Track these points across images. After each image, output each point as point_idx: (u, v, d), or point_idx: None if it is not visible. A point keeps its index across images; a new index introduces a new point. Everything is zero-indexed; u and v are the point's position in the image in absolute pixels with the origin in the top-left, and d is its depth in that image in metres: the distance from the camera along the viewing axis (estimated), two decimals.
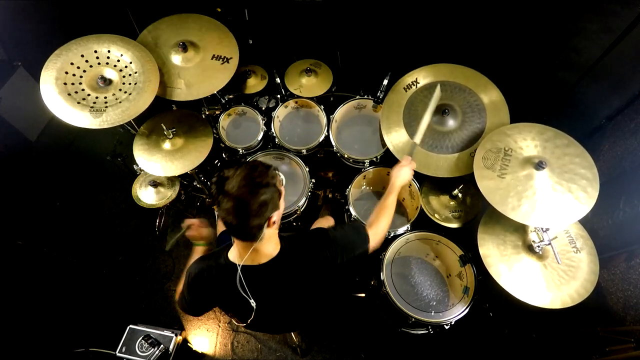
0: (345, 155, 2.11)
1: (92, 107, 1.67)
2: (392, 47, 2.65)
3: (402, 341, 2.16)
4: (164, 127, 1.91)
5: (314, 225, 1.94)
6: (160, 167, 1.95)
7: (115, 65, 1.78)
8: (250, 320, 1.18)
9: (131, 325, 2.04)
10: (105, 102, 1.70)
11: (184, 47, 1.93)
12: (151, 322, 2.09)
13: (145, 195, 2.18)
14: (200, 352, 2.21)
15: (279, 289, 1.16)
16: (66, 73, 1.69)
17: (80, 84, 1.71)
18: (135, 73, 1.78)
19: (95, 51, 1.77)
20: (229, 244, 1.16)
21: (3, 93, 2.51)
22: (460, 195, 1.93)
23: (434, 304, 1.91)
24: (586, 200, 1.46)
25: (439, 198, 1.98)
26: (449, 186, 1.96)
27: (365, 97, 2.24)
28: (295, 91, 2.30)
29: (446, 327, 1.78)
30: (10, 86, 2.56)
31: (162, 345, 1.97)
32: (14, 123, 2.61)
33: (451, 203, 1.95)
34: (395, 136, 1.91)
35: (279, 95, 2.40)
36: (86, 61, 1.75)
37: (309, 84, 2.32)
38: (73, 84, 1.69)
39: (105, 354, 2.04)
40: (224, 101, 2.33)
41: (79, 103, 1.66)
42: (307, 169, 2.13)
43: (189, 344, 2.19)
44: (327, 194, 2.36)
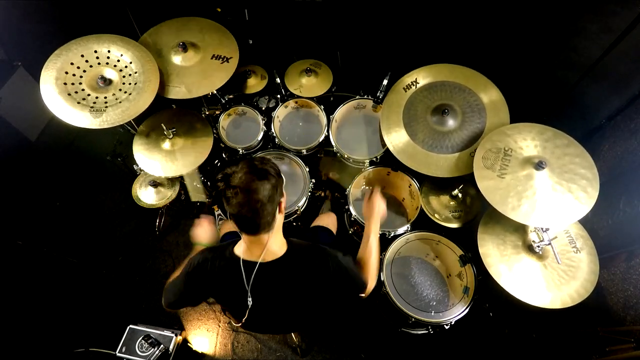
0: (345, 155, 2.12)
1: (92, 107, 1.67)
2: (392, 47, 2.66)
3: (402, 341, 2.16)
4: (164, 127, 1.91)
5: (316, 221, 1.93)
6: (160, 167, 1.95)
7: (115, 65, 1.78)
8: (245, 319, 1.18)
9: (131, 325, 2.04)
10: (105, 102, 1.70)
11: (184, 47, 1.93)
12: (151, 322, 2.09)
13: (145, 195, 2.18)
14: (200, 352, 2.21)
15: (279, 290, 1.15)
16: (66, 73, 1.70)
17: (80, 84, 1.71)
18: (135, 73, 1.78)
19: (95, 51, 1.77)
20: (235, 240, 1.18)
21: (3, 93, 2.52)
22: (460, 195, 1.93)
23: (434, 304, 1.91)
24: (586, 200, 1.46)
25: (439, 198, 1.98)
26: (449, 186, 1.96)
27: (365, 97, 2.24)
28: (295, 91, 2.30)
29: (446, 327, 1.78)
30: (10, 86, 2.56)
31: (162, 345, 1.97)
32: (14, 123, 2.61)
33: (451, 203, 1.95)
34: (395, 136, 1.90)
35: (279, 95, 2.40)
36: (86, 61, 1.75)
37: (309, 84, 2.33)
38: (73, 84, 1.70)
39: (105, 354, 2.04)
40: (224, 101, 2.33)
41: (79, 103, 1.67)
42: (307, 169, 2.13)
43: (189, 344, 2.19)
44: (327, 194, 2.36)
